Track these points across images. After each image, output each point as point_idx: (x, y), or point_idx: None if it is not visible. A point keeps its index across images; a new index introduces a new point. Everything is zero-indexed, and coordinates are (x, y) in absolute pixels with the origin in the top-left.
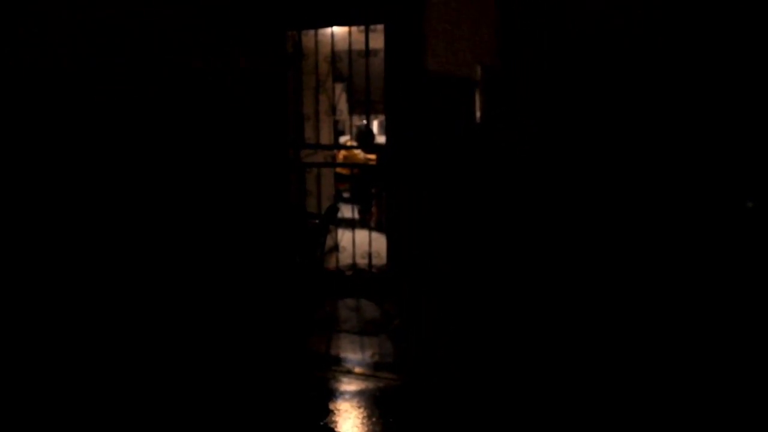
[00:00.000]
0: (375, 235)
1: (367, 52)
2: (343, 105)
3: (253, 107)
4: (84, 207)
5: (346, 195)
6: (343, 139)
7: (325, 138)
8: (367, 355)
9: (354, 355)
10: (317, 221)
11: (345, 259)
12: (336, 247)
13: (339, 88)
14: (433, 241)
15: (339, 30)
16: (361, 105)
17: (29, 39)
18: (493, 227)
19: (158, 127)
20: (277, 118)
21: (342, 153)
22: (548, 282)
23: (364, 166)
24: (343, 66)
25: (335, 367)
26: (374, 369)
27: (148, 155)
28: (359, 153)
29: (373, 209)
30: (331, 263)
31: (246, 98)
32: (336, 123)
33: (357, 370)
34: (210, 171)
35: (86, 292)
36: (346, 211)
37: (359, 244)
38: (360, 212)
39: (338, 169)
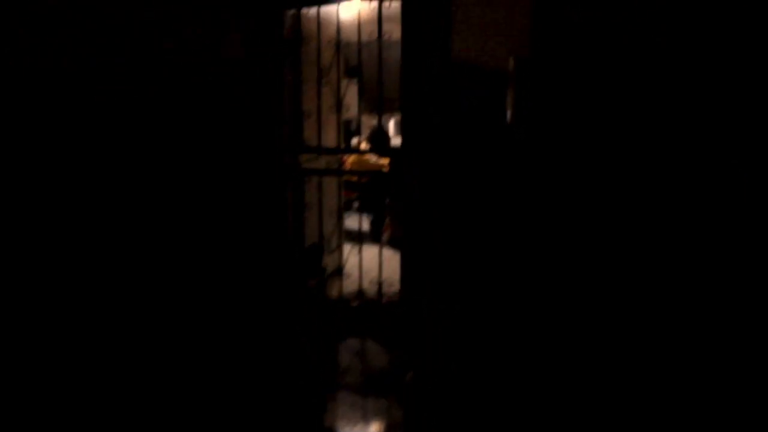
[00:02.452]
0: (388, 253)
1: (380, 33)
2: (353, 101)
3: (242, 104)
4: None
5: (357, 205)
6: (355, 141)
7: (330, 140)
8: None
9: (352, 428)
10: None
11: (352, 284)
12: (339, 270)
13: (347, 81)
14: (460, 269)
15: (346, 15)
16: (375, 102)
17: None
18: (537, 252)
19: (122, 136)
20: (272, 116)
21: (351, 158)
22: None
23: (374, 173)
24: (352, 56)
25: None
26: None
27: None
28: (372, 158)
29: (387, 222)
30: (334, 290)
31: (234, 94)
32: (348, 123)
33: None
34: (187, 181)
35: None
36: (356, 223)
37: (369, 265)
38: (371, 224)
39: (346, 178)
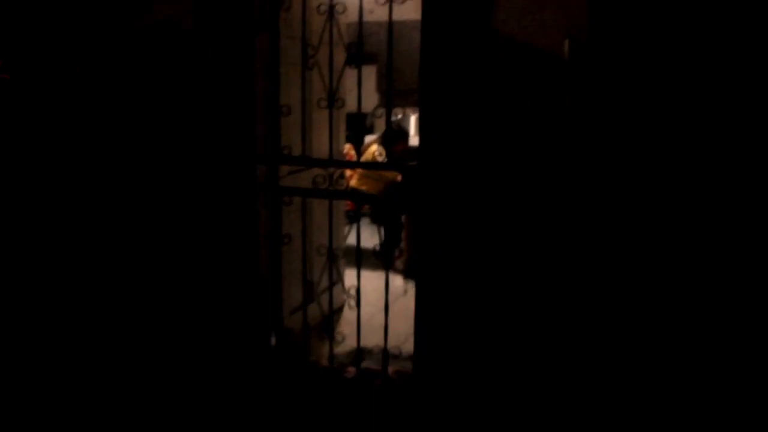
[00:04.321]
0: (400, 285)
1: None
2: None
3: (192, 95)
4: None
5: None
6: (368, 140)
7: (320, 145)
8: None
9: None
10: None
11: (348, 339)
12: (326, 322)
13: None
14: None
15: None
16: (399, 94)
17: None
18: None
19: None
20: (236, 113)
21: (356, 174)
22: None
23: (379, 195)
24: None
25: None
26: None
27: None
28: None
29: (403, 244)
30: (321, 352)
31: (180, 80)
32: (364, 117)
33: None
34: (122, 202)
35: None
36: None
37: (379, 303)
38: (381, 245)
39: (357, 185)
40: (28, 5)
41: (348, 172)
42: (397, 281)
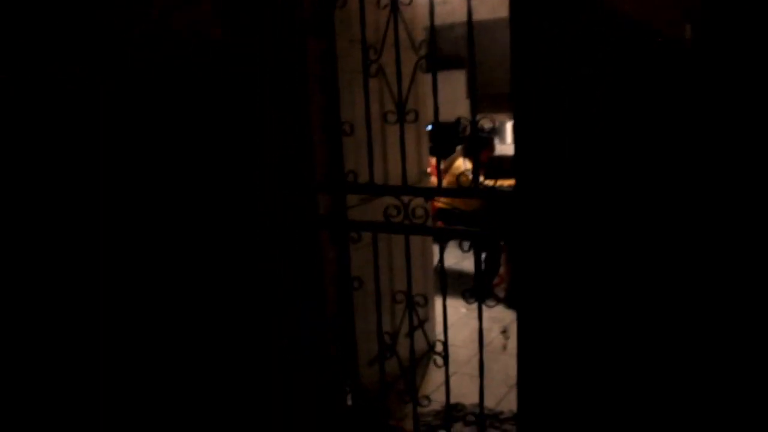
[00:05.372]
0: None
1: None
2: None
3: (237, 118)
4: None
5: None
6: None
7: (395, 167)
8: None
9: None
10: None
11: (435, 394)
12: (408, 376)
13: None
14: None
15: None
16: (492, 99)
17: None
18: None
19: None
20: (288, 134)
21: (447, 180)
22: None
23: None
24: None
25: None
26: None
27: None
28: (487, 183)
29: (502, 270)
30: (405, 412)
31: (223, 102)
32: (456, 126)
33: None
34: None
35: None
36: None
37: (466, 344)
38: (475, 270)
39: (446, 204)
40: (27, 5)
41: None
42: (495, 315)
